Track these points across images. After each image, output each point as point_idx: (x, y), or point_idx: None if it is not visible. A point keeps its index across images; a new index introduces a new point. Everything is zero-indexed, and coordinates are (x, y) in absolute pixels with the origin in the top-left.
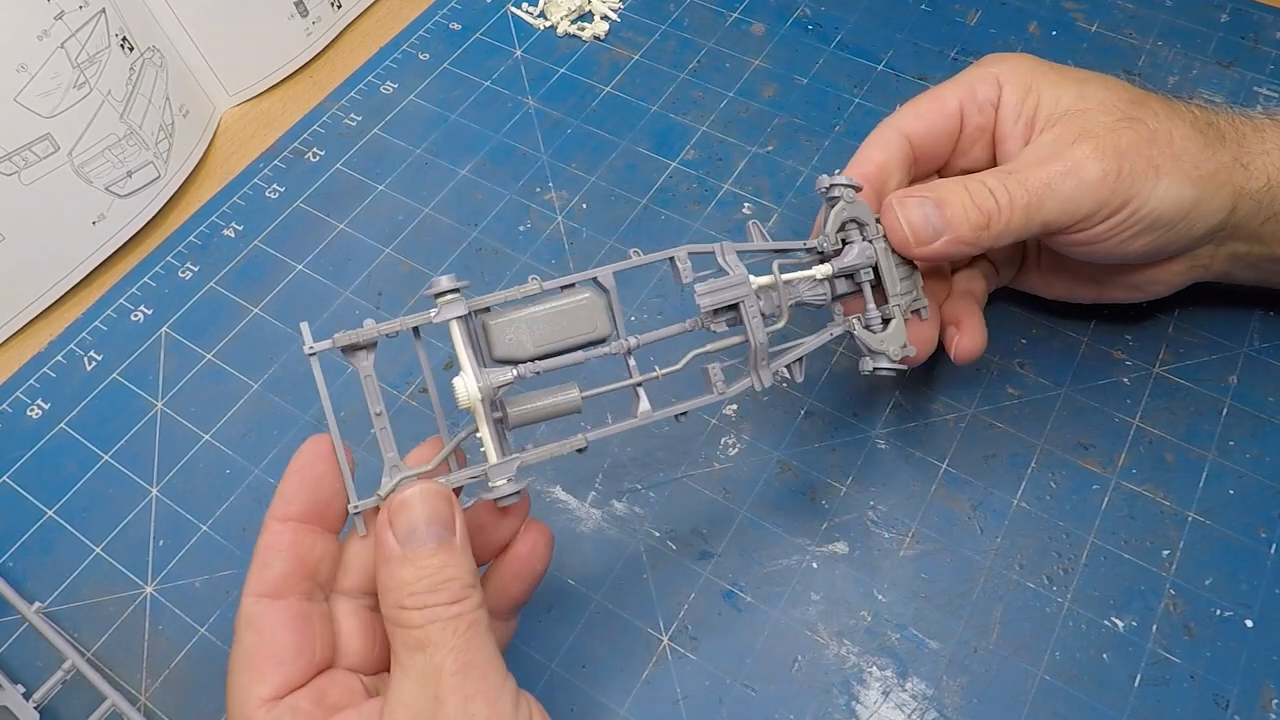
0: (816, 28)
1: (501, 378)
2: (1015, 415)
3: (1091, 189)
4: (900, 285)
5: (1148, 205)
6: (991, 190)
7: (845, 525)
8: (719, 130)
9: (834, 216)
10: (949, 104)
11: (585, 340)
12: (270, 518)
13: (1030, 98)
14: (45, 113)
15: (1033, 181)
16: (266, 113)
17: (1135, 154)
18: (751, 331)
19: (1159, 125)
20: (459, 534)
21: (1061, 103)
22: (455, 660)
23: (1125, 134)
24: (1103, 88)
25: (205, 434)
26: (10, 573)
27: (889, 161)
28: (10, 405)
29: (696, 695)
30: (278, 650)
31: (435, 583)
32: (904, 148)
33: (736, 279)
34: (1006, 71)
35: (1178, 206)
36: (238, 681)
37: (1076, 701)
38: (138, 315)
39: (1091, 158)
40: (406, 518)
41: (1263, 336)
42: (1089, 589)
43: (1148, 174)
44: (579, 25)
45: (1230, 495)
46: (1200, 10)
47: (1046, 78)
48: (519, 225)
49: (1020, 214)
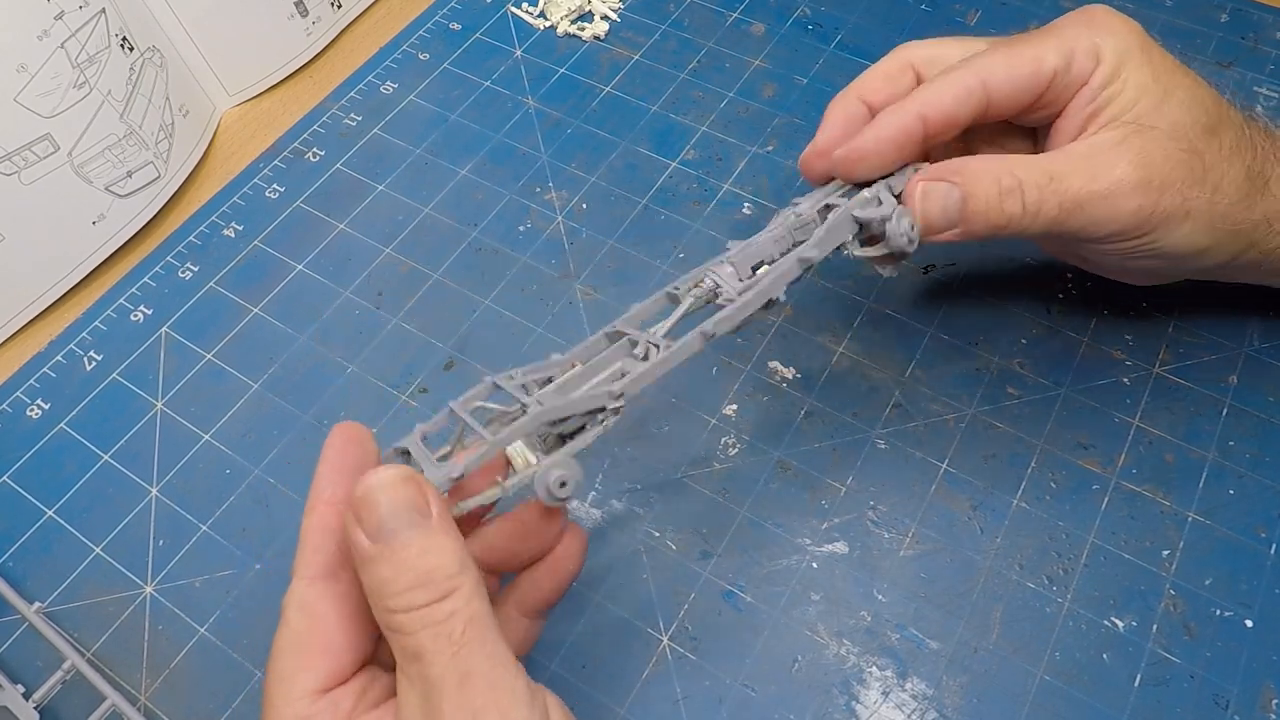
0: (816, 28)
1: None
2: (1015, 415)
3: (1120, 218)
4: None
5: (1163, 241)
6: (1024, 193)
7: (845, 525)
8: (719, 130)
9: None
10: (1045, 67)
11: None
12: (317, 500)
13: (1113, 87)
14: (45, 113)
15: (1068, 196)
16: (266, 113)
17: (1175, 192)
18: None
19: (1214, 164)
20: (435, 514)
21: (1138, 108)
22: (454, 672)
23: (1177, 169)
24: (1185, 105)
25: (205, 434)
26: (10, 573)
27: (960, 116)
28: (10, 405)
29: (696, 695)
30: (328, 638)
31: (417, 575)
32: (981, 103)
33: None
34: (1109, 49)
35: (1190, 248)
36: (284, 667)
37: (1076, 701)
38: (138, 315)
39: (1136, 191)
40: (372, 511)
41: (1263, 336)
42: (1089, 589)
43: (1176, 215)
44: (579, 25)
45: (1230, 495)
46: (1200, 10)
47: (1139, 73)
48: (519, 225)
49: (1043, 223)
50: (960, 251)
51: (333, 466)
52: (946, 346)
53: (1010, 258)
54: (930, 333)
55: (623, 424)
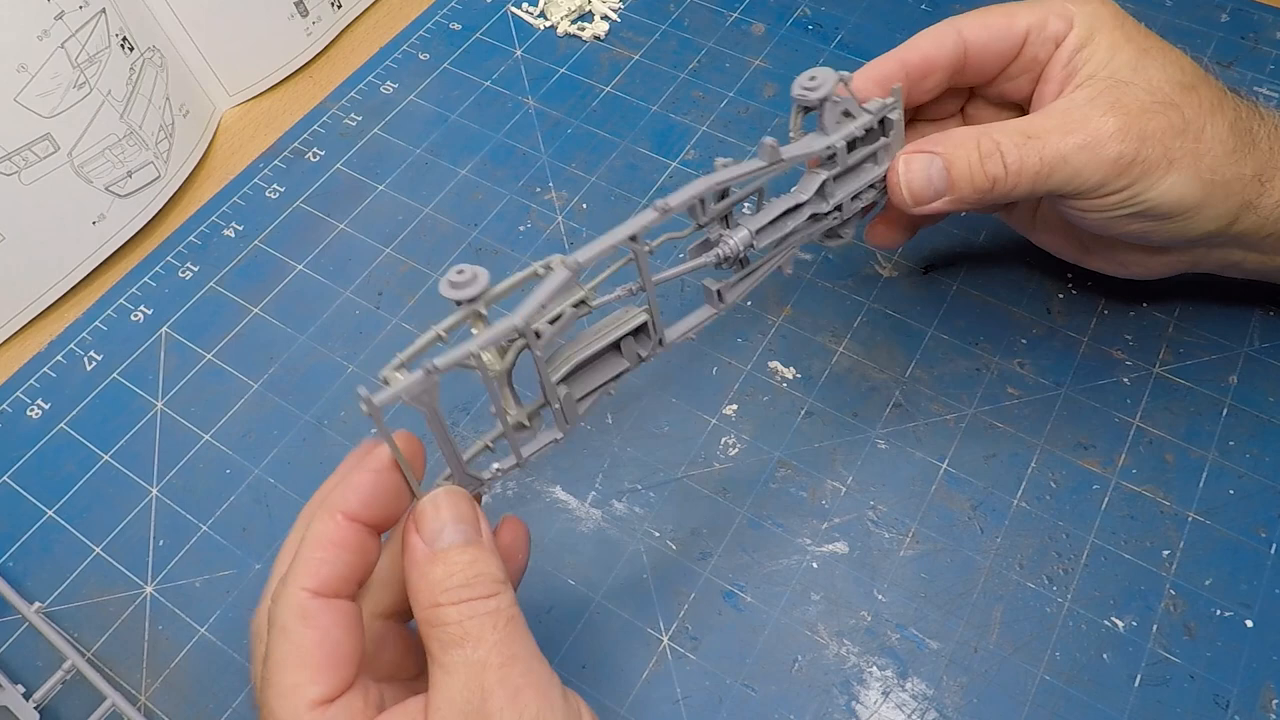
0: (816, 28)
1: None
2: (1015, 415)
3: (1101, 166)
4: None
5: (1149, 194)
6: (1004, 154)
7: (845, 525)
8: (719, 130)
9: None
10: (1017, 25)
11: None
12: (334, 509)
13: (1087, 49)
14: (45, 113)
15: (1049, 150)
16: (266, 113)
17: (1156, 142)
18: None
19: (1195, 117)
20: (485, 534)
21: (1112, 65)
22: (499, 653)
23: (1155, 119)
24: (1159, 65)
25: (205, 434)
26: (10, 573)
27: (938, 59)
28: (10, 405)
29: (696, 695)
30: (335, 652)
31: (468, 577)
32: (958, 52)
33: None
34: (1081, 13)
35: (1178, 203)
36: (285, 679)
37: (1076, 701)
38: (138, 315)
39: (1114, 138)
40: (432, 519)
41: (1263, 336)
42: (1089, 589)
43: (1159, 165)
44: (579, 25)
45: (1230, 495)
46: (1200, 10)
47: (1112, 34)
48: (519, 225)
49: (1027, 181)
50: (960, 251)
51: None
52: (946, 346)
53: (1010, 258)
54: (930, 333)
55: (624, 423)
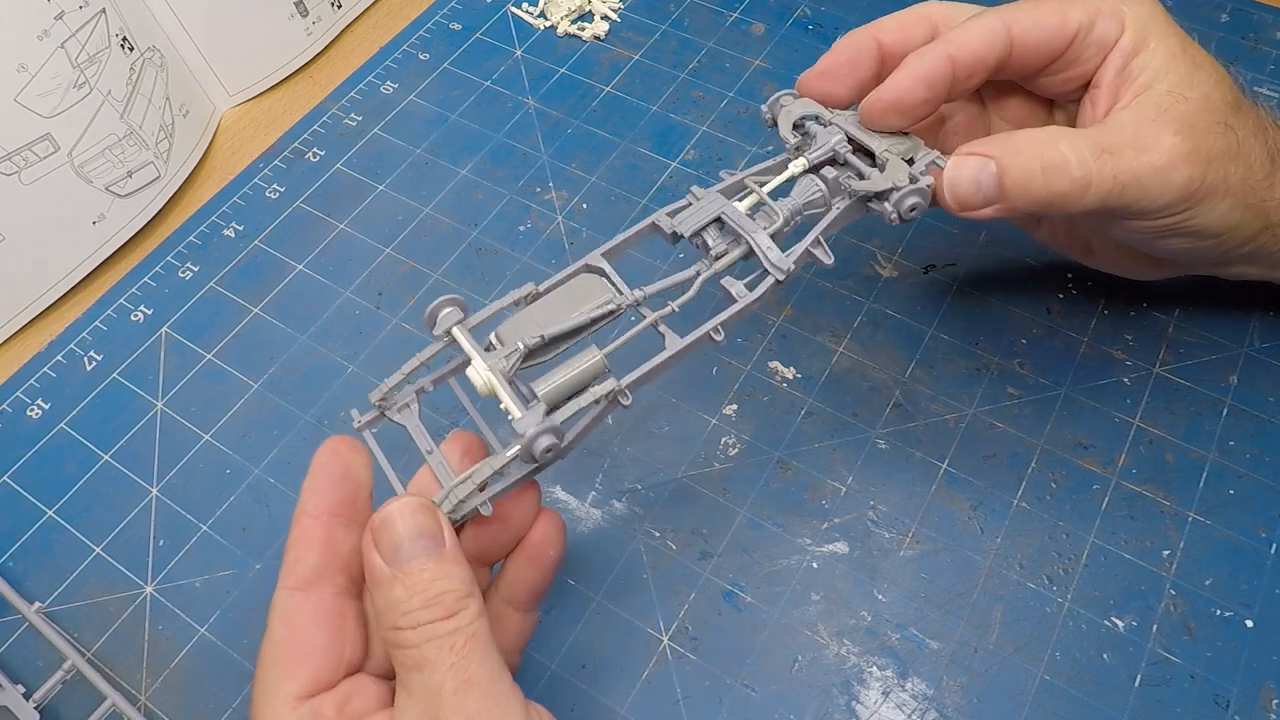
0: (816, 28)
1: (505, 352)
2: (1015, 415)
3: (1170, 189)
4: (885, 141)
5: (1203, 218)
6: (1072, 169)
7: (845, 525)
8: (719, 130)
9: (783, 120)
10: (1069, 23)
11: (592, 312)
12: (301, 513)
13: (1142, 57)
14: (45, 113)
15: (1124, 168)
16: (266, 113)
17: (1220, 166)
18: (746, 234)
19: (1245, 139)
20: (448, 543)
21: (1170, 77)
22: (454, 678)
23: (1219, 141)
24: (1211, 81)
25: (205, 434)
26: (10, 573)
27: (986, 55)
28: (10, 405)
29: (696, 695)
30: (309, 646)
31: (428, 597)
32: (1005, 48)
33: (708, 198)
34: (1133, 16)
35: (1223, 226)
36: (267, 675)
37: (1076, 701)
38: (138, 315)
39: (1186, 160)
40: (390, 535)
41: (1263, 336)
42: (1089, 589)
43: (1218, 190)
44: (579, 25)
45: (1230, 495)
46: (1200, 10)
47: (1167, 42)
48: (519, 225)
49: (1093, 199)
50: (960, 251)
51: (318, 480)
52: (946, 346)
53: (1010, 258)
54: (930, 333)
55: (624, 423)
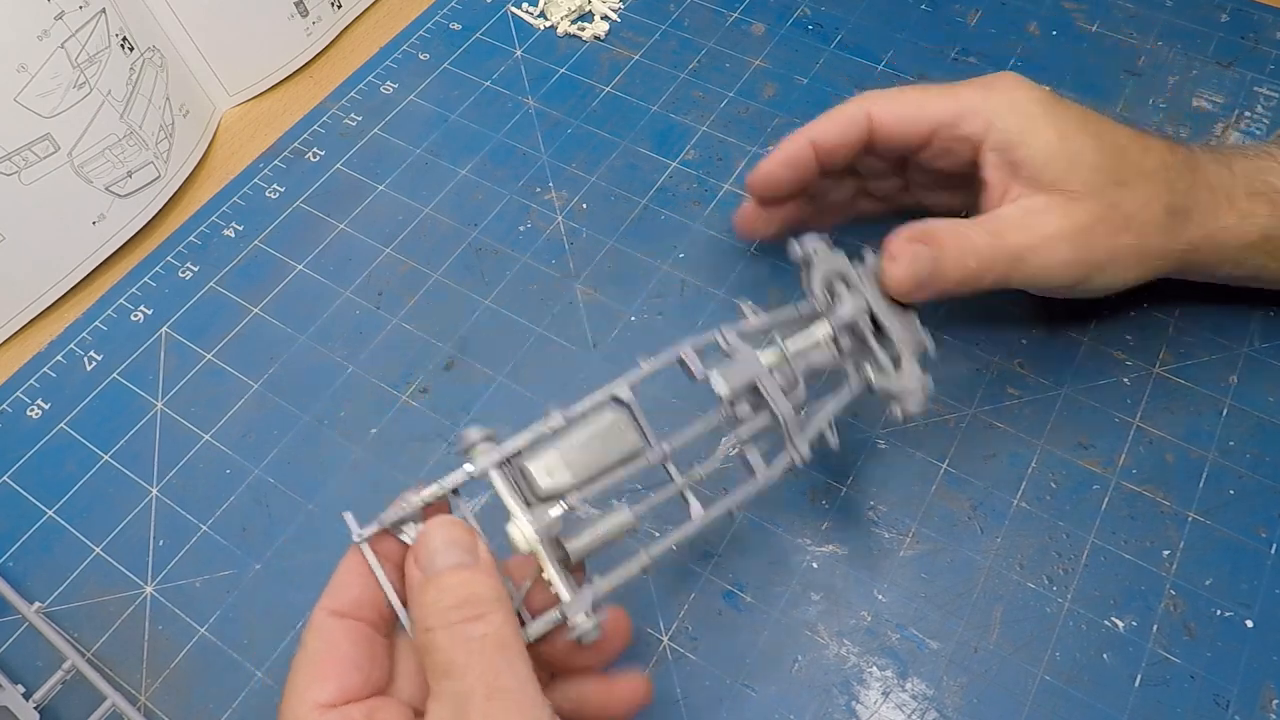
0: (816, 28)
1: (552, 513)
2: (1015, 415)
3: (1055, 268)
4: (900, 323)
5: (1097, 283)
6: (978, 252)
7: (845, 525)
8: (719, 130)
9: (816, 277)
10: (926, 113)
11: (621, 458)
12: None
13: (1021, 152)
14: (45, 113)
15: (1008, 249)
16: (266, 113)
17: (1102, 243)
18: (777, 407)
19: (1134, 208)
20: (483, 557)
21: (1051, 171)
22: (485, 686)
23: (1099, 224)
24: (1092, 166)
25: (205, 434)
26: (10, 573)
27: (845, 140)
28: (10, 405)
29: (696, 695)
30: (341, 659)
31: (458, 598)
32: (864, 133)
33: (745, 359)
34: (998, 111)
35: (1122, 284)
36: (297, 682)
37: (1076, 701)
38: (138, 315)
39: (1064, 243)
40: (426, 548)
41: (1263, 336)
42: (1089, 589)
43: (1105, 263)
44: (579, 25)
45: (1230, 495)
46: (1200, 10)
47: (1043, 135)
48: (519, 225)
49: (994, 277)
50: None
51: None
52: (946, 346)
53: None
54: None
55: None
